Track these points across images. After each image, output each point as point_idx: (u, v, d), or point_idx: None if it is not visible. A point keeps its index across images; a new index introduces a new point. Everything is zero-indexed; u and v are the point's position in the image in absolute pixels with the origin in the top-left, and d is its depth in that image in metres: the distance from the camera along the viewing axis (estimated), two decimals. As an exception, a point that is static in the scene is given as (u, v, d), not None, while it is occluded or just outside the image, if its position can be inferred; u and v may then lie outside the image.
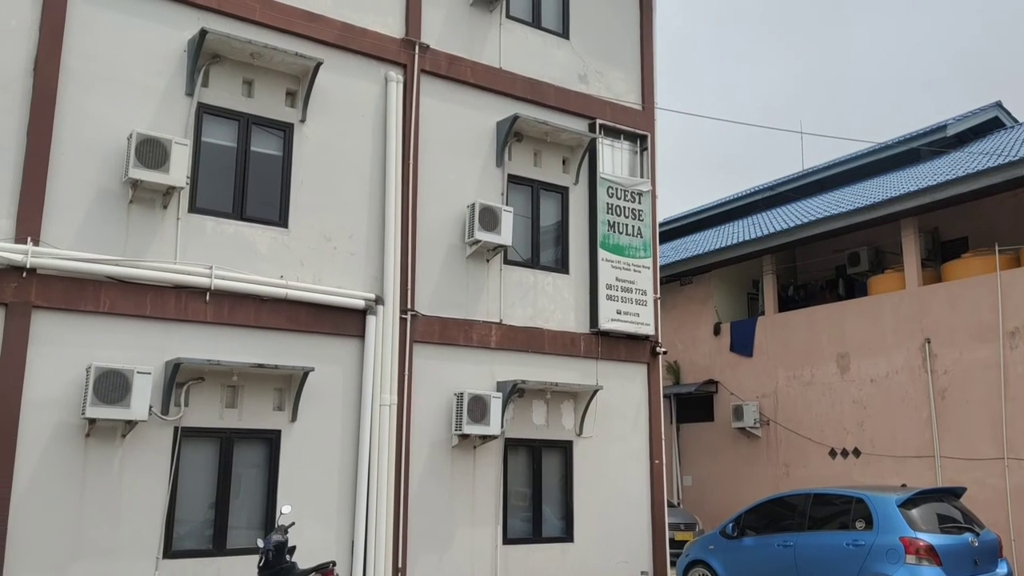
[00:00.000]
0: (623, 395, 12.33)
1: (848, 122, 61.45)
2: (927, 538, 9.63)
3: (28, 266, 8.32)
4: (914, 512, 9.94)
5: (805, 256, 20.25)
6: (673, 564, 12.92)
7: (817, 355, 17.71)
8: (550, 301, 11.90)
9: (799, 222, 17.76)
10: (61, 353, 8.48)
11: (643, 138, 13.11)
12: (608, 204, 12.48)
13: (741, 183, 63.55)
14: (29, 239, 8.41)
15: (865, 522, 10.14)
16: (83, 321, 8.65)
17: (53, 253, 8.48)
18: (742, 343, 19.36)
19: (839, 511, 10.60)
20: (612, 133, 12.82)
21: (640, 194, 12.82)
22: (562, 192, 12.35)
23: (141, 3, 9.41)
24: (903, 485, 13.40)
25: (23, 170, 8.50)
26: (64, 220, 8.67)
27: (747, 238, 18.74)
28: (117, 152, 9.01)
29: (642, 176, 13.00)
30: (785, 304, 19.58)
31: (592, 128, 12.58)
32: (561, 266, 12.17)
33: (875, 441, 16.40)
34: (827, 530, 10.59)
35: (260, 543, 7.78)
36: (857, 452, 16.69)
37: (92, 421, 8.37)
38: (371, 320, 10.21)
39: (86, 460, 8.47)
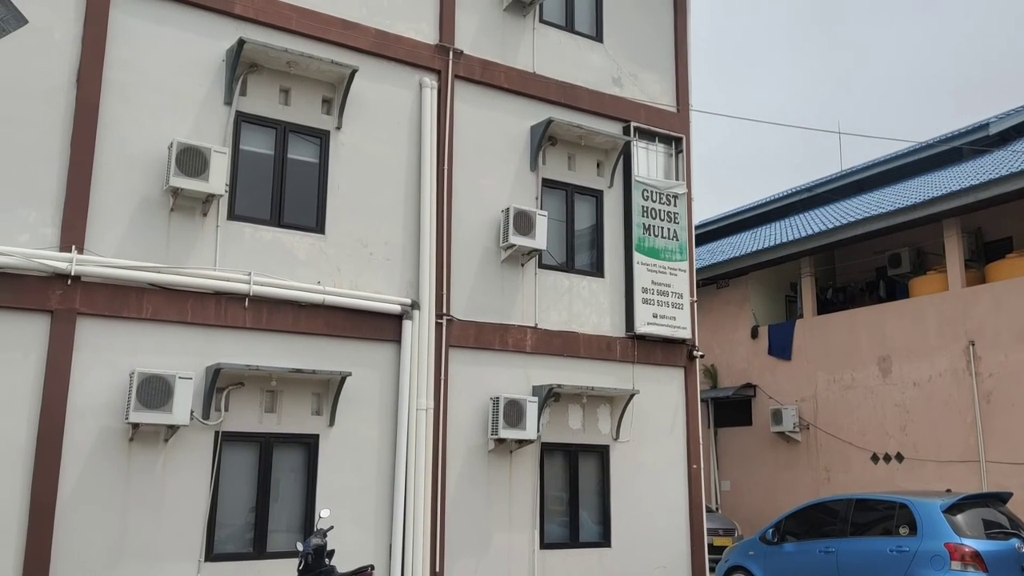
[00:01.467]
0: (660, 399, 12.26)
1: (887, 122, 60.61)
2: (973, 544, 9.44)
3: (73, 274, 8.49)
4: (959, 518, 9.76)
5: (844, 258, 19.98)
6: (712, 570, 12.80)
7: (858, 358, 17.45)
8: (585, 305, 11.86)
9: (838, 223, 17.52)
10: (105, 359, 8.64)
11: (678, 140, 13.03)
12: (643, 207, 12.41)
13: (778, 184, 62.96)
14: (74, 247, 8.58)
15: (909, 528, 9.97)
16: (126, 327, 8.80)
17: (97, 261, 8.65)
18: (780, 346, 19.15)
19: (882, 517, 10.43)
20: (647, 136, 12.77)
21: (675, 197, 12.75)
22: (596, 195, 12.32)
23: (180, 14, 9.58)
24: (948, 490, 13.15)
25: (67, 180, 8.69)
26: (107, 228, 8.84)
27: (784, 240, 18.54)
28: (158, 161, 9.17)
29: (677, 179, 12.93)
30: (824, 307, 19.33)
31: (626, 131, 12.54)
32: (596, 270, 12.13)
33: (918, 446, 16.11)
34: (870, 536, 10.42)
35: (299, 546, 7.86)
36: (900, 457, 16.41)
37: (135, 426, 8.51)
38: (407, 325, 10.26)
39: (130, 464, 8.62)
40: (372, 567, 8.20)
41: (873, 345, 17.15)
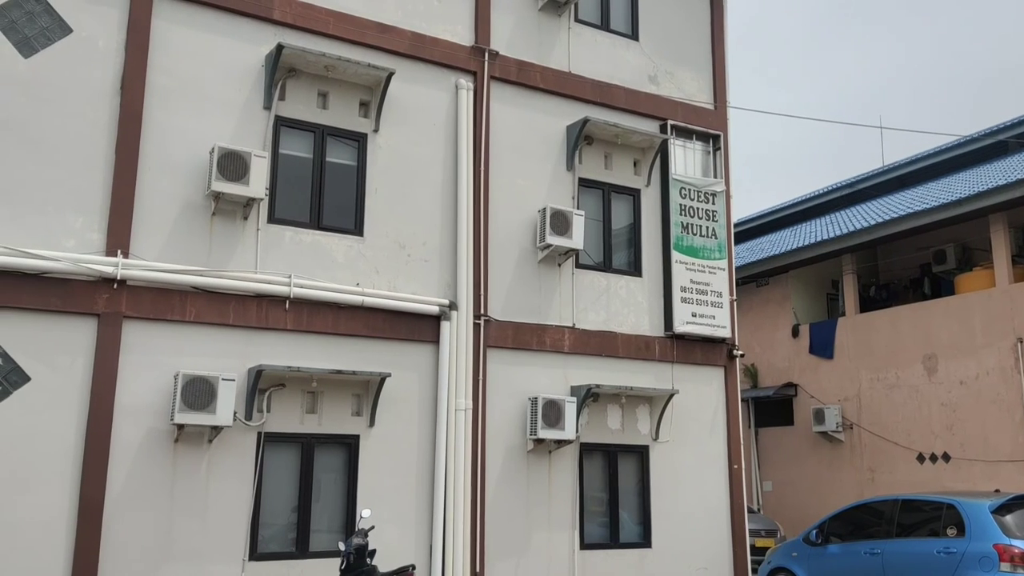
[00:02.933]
0: (699, 399, 12.16)
1: (930, 116, 59.52)
2: (1022, 545, 9.23)
3: (119, 278, 8.66)
4: (1008, 518, 9.55)
5: (887, 255, 19.66)
6: (755, 571, 12.67)
7: (902, 356, 17.16)
8: (623, 304, 11.81)
9: (880, 220, 17.26)
10: (151, 361, 8.79)
11: (716, 138, 12.92)
12: (681, 205, 12.33)
13: (819, 181, 62.13)
14: (119, 252, 8.75)
15: (957, 529, 9.77)
16: (171, 330, 8.95)
17: (142, 265, 8.81)
18: (822, 345, 18.89)
19: (929, 518, 10.24)
20: (684, 134, 12.67)
21: (714, 194, 12.64)
22: (634, 194, 12.26)
23: (221, 21, 9.72)
24: (996, 490, 12.88)
25: (112, 186, 8.86)
26: (151, 233, 9.00)
27: (826, 237, 18.30)
28: (200, 166, 9.31)
29: (715, 176, 12.82)
30: (867, 304, 19.03)
31: (663, 129, 12.46)
32: (634, 269, 12.07)
33: (965, 445, 15.79)
34: (916, 537, 10.24)
35: (341, 546, 7.92)
36: (946, 457, 16.10)
37: (180, 427, 8.65)
38: (445, 326, 10.30)
39: (175, 465, 8.76)
40: (413, 567, 8.24)
41: (918, 343, 16.85)
